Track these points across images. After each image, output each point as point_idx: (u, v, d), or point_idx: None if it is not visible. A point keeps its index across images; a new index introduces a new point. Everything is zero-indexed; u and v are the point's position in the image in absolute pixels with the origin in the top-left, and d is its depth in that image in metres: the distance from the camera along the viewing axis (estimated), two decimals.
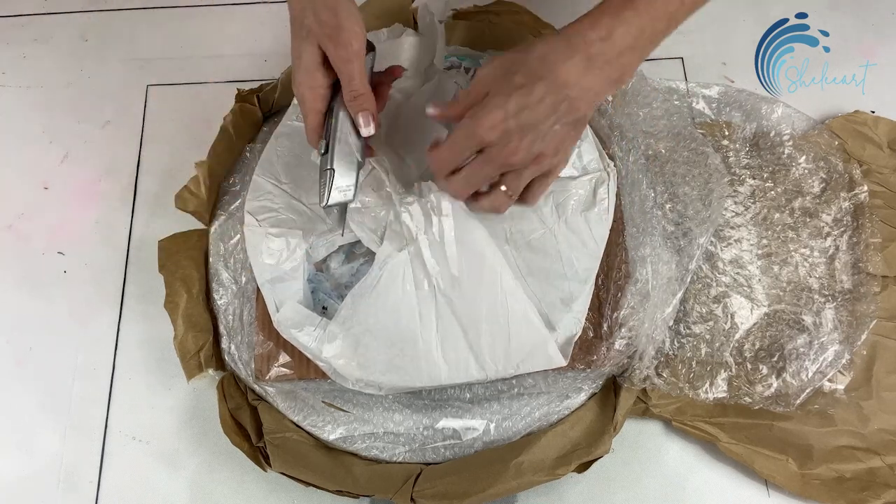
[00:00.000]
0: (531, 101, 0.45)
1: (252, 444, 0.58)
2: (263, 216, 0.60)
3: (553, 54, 0.45)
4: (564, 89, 0.45)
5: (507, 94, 0.45)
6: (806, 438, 0.59)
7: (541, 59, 0.45)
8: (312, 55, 0.49)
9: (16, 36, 0.80)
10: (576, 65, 0.45)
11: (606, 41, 0.45)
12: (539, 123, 0.46)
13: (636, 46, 0.46)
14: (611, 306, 0.60)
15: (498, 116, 0.45)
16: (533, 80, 0.45)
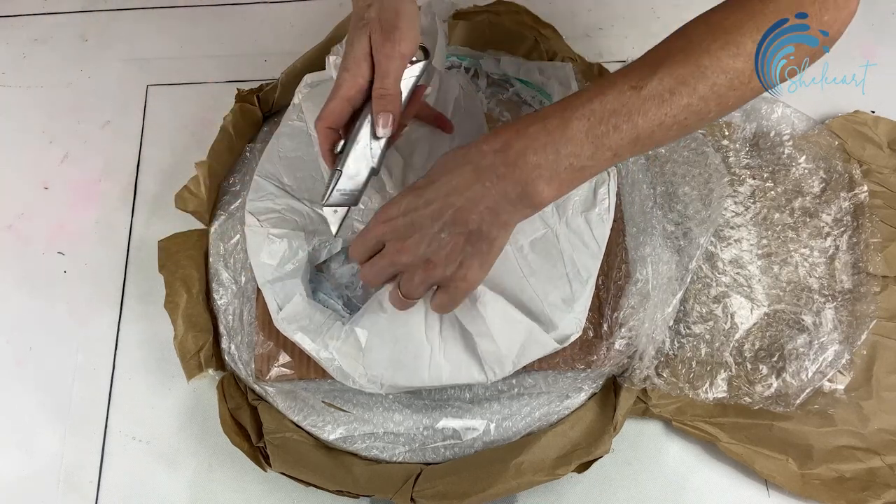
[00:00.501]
0: (419, 203, 0.46)
1: (252, 444, 0.58)
2: (265, 217, 0.60)
3: (451, 162, 0.46)
4: (449, 196, 0.45)
5: (404, 194, 0.47)
6: (806, 438, 0.59)
7: (440, 165, 0.46)
8: (363, 46, 0.49)
9: (16, 36, 0.80)
10: (464, 174, 0.45)
11: (500, 153, 0.44)
12: (423, 226, 0.46)
13: (541, 165, 0.43)
14: (611, 306, 0.60)
15: (392, 212, 0.47)
16: (427, 183, 0.46)
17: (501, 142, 0.44)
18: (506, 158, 0.43)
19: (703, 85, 0.44)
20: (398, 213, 0.47)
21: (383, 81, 0.49)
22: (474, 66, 0.70)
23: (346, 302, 0.62)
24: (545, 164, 0.43)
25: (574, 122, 0.43)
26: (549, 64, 0.69)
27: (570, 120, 0.43)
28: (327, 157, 0.52)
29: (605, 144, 0.43)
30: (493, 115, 0.69)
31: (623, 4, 0.80)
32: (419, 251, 0.46)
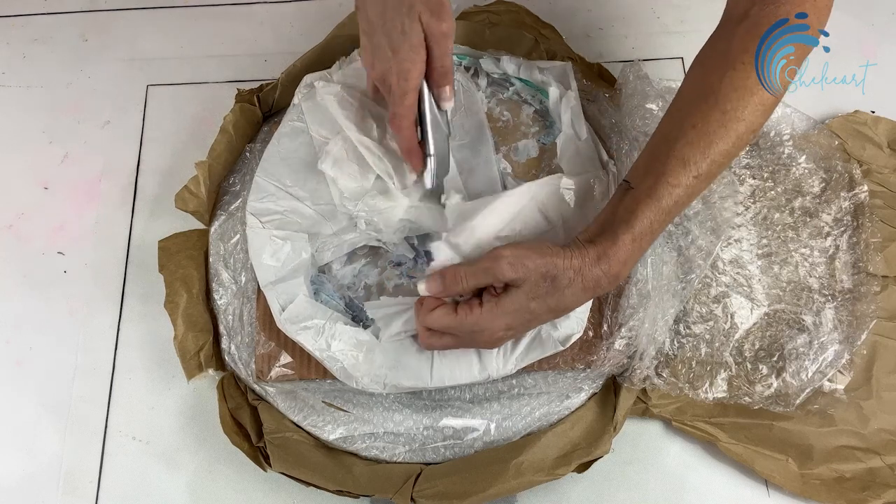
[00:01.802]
0: (527, 316, 0.50)
1: (252, 444, 0.58)
2: (267, 218, 0.60)
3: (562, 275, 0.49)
4: (556, 306, 0.50)
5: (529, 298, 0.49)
6: (806, 438, 0.59)
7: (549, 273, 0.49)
8: (419, 31, 0.50)
9: (16, 36, 0.80)
10: (575, 291, 0.50)
11: (612, 282, 0.50)
12: (529, 327, 0.53)
13: (629, 263, 0.50)
14: (611, 306, 0.60)
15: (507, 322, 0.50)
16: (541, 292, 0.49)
17: (614, 275, 0.49)
18: (608, 271, 0.49)
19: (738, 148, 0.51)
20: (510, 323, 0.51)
21: (444, 59, 0.52)
22: (474, 66, 0.70)
23: (348, 303, 0.62)
24: (632, 261, 0.50)
25: (654, 226, 0.50)
26: (549, 63, 0.69)
27: (653, 223, 0.50)
28: (415, 151, 0.56)
29: (662, 231, 0.51)
30: (493, 115, 0.69)
31: (623, 4, 0.80)
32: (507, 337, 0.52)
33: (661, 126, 0.53)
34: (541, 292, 0.49)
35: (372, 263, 0.63)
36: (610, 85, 0.71)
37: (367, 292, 0.62)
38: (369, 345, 0.55)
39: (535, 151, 0.67)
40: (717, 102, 0.50)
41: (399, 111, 0.53)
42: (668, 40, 0.76)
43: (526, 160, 0.67)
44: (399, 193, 0.60)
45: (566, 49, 0.73)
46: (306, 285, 0.59)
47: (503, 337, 0.52)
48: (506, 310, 0.49)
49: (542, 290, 0.49)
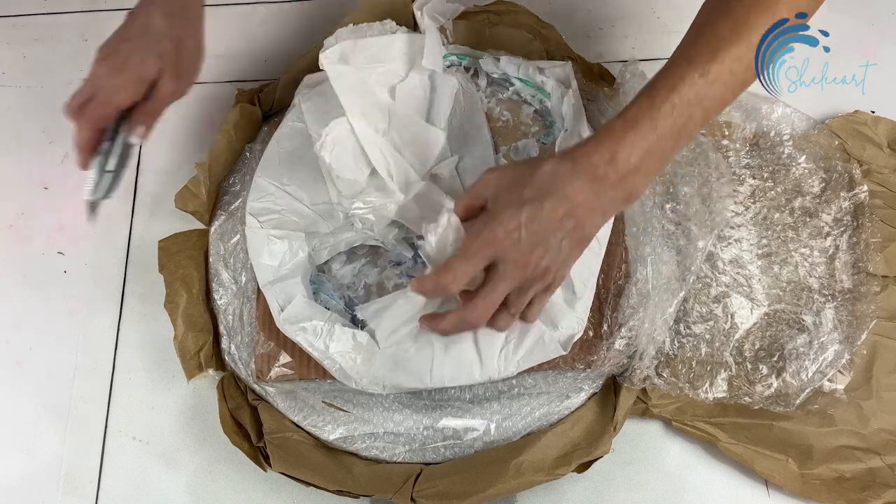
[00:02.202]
0: (541, 215, 0.46)
1: (252, 444, 0.58)
2: (265, 217, 0.60)
3: (560, 174, 0.47)
4: (572, 207, 0.46)
5: (518, 206, 0.46)
6: (806, 438, 0.59)
7: (550, 177, 0.47)
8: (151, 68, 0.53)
9: (16, 36, 0.80)
10: (582, 186, 0.46)
11: (610, 164, 0.46)
12: (548, 237, 0.47)
13: (640, 168, 0.47)
14: (611, 306, 0.60)
15: (511, 225, 0.46)
16: (542, 195, 0.46)
17: (608, 152, 0.46)
18: (616, 168, 0.46)
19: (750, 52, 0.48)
20: (519, 225, 0.46)
21: (161, 105, 0.55)
22: (474, 66, 0.70)
23: (347, 302, 0.62)
24: (645, 165, 0.47)
25: (661, 122, 0.46)
26: (549, 63, 0.69)
27: (658, 120, 0.46)
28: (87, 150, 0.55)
29: (684, 134, 0.48)
30: (493, 115, 0.69)
31: (623, 4, 0.80)
32: (542, 262, 0.47)
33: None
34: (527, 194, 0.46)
35: (371, 263, 0.63)
36: (610, 85, 0.71)
37: (367, 292, 0.62)
38: (368, 346, 0.55)
39: (536, 151, 0.67)
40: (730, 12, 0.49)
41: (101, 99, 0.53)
42: (668, 40, 0.76)
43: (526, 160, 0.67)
44: (396, 191, 0.60)
45: (566, 49, 0.73)
46: (305, 285, 0.59)
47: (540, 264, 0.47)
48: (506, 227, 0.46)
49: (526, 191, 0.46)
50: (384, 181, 0.60)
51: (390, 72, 0.64)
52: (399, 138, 0.62)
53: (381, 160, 0.59)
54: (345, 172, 0.60)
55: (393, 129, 0.62)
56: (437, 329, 0.50)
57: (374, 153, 0.59)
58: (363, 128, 0.60)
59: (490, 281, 0.47)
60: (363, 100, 0.61)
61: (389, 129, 0.62)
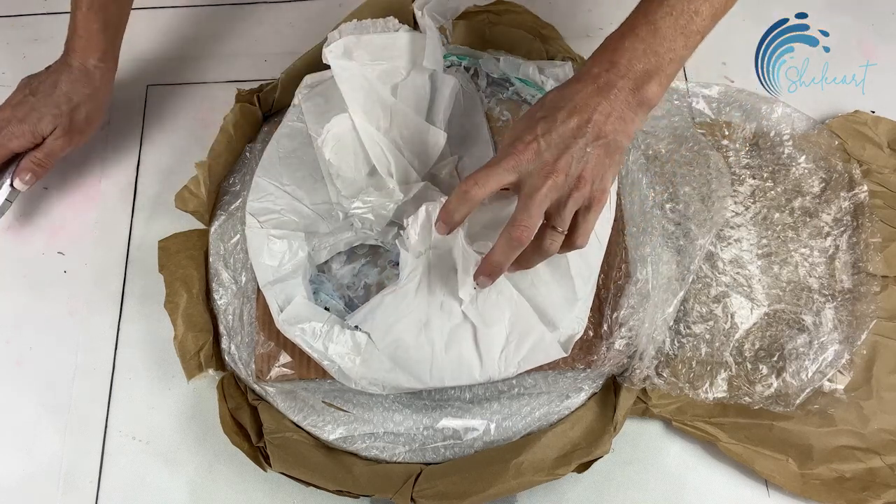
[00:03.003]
0: (556, 124, 0.46)
1: (252, 444, 0.58)
2: (265, 217, 0.60)
3: (566, 89, 0.47)
4: (584, 112, 0.46)
5: (532, 124, 0.46)
6: (806, 438, 0.59)
7: (556, 96, 0.47)
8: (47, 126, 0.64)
9: (16, 36, 0.80)
10: (590, 95, 0.46)
11: (611, 71, 0.46)
12: (569, 144, 0.46)
13: (648, 69, 0.46)
14: (611, 306, 0.60)
15: (529, 137, 0.46)
16: (553, 110, 0.46)
17: (607, 61, 0.47)
18: (618, 72, 0.46)
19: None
20: (536, 137, 0.45)
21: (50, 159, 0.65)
22: (474, 66, 0.70)
23: (347, 302, 0.62)
24: (651, 67, 0.46)
25: (660, 23, 0.46)
26: (549, 63, 0.69)
27: (656, 22, 0.46)
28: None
29: (692, 31, 0.47)
30: (493, 115, 0.69)
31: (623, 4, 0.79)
32: (571, 169, 0.46)
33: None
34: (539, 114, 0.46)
35: (371, 263, 0.63)
36: None
37: (367, 292, 0.62)
38: (367, 347, 0.55)
39: None
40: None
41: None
42: None
43: None
44: (396, 190, 0.60)
45: (566, 49, 0.73)
46: (304, 285, 0.59)
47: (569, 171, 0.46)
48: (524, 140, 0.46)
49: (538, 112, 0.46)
50: (384, 180, 0.60)
51: (392, 70, 0.64)
52: (400, 137, 0.62)
53: (381, 158, 0.59)
54: (345, 171, 0.60)
55: (394, 128, 0.62)
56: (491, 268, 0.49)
57: (374, 151, 0.59)
58: (365, 125, 0.59)
59: (521, 198, 0.46)
60: (365, 97, 0.61)
61: (391, 128, 0.62)
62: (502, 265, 0.49)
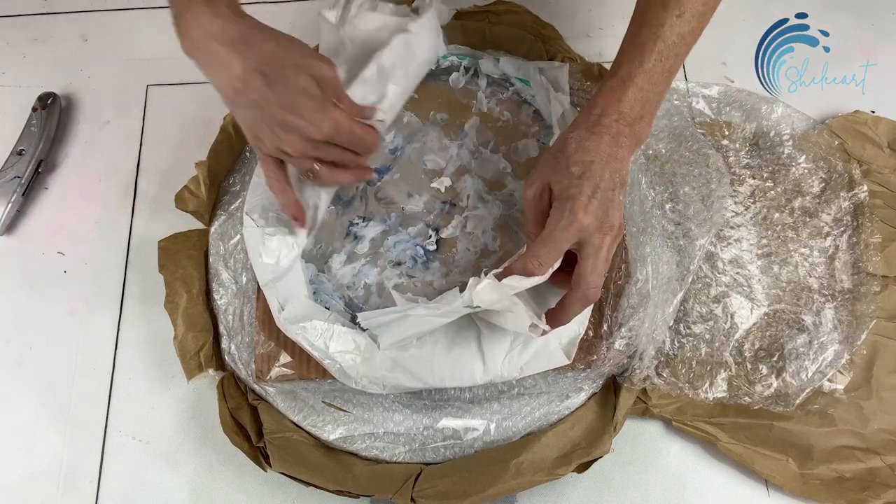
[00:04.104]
0: (597, 180, 0.49)
1: (252, 444, 0.58)
2: (261, 215, 0.60)
3: (588, 142, 0.50)
4: (610, 164, 0.50)
5: (577, 185, 0.49)
6: (806, 438, 0.59)
7: (583, 150, 0.50)
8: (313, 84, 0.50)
9: (16, 36, 0.80)
10: (608, 145, 0.50)
11: (619, 121, 0.51)
12: (610, 197, 0.49)
13: (643, 115, 0.52)
14: (611, 306, 0.60)
15: (584, 201, 0.48)
16: (587, 165, 0.49)
17: (615, 111, 0.51)
18: (625, 121, 0.51)
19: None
20: (589, 198, 0.49)
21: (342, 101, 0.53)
22: (474, 66, 0.70)
23: (347, 302, 0.62)
24: (646, 112, 0.52)
25: (654, 72, 0.51)
26: (548, 63, 0.69)
27: (651, 72, 0.51)
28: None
29: (674, 71, 0.53)
30: (493, 115, 0.69)
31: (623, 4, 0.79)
32: (617, 219, 0.50)
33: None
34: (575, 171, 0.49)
35: (371, 263, 0.63)
36: None
37: (367, 292, 0.62)
38: (368, 347, 0.55)
39: (535, 151, 0.67)
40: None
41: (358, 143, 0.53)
42: None
43: (526, 160, 0.67)
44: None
45: (566, 49, 0.73)
46: (305, 285, 0.59)
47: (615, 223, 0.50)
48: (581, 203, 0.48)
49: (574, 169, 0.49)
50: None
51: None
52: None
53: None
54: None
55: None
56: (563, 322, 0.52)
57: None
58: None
59: (589, 255, 0.49)
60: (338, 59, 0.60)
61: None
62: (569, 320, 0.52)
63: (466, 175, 0.66)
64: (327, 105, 0.50)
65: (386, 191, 0.66)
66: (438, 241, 0.64)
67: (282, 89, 0.49)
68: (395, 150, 0.67)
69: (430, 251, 0.63)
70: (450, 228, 0.64)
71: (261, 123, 0.51)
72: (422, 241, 0.64)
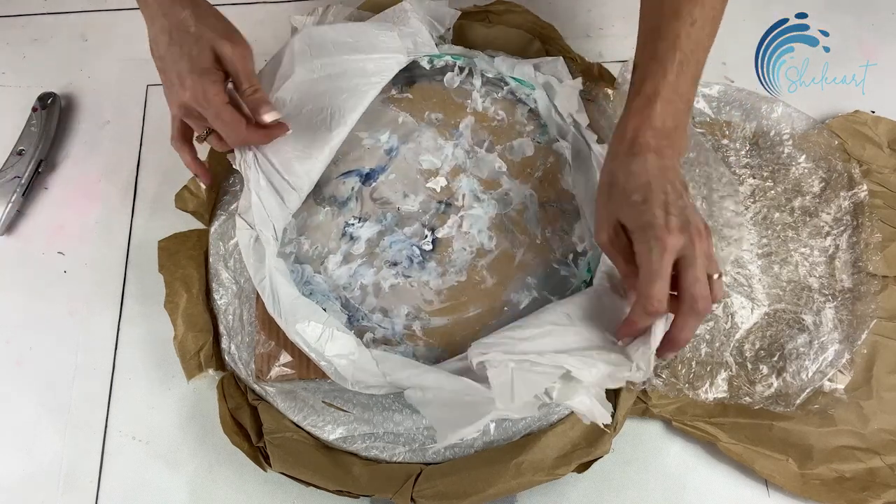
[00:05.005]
0: (663, 196, 0.49)
1: (252, 444, 0.58)
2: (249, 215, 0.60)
3: (634, 166, 0.50)
4: (667, 174, 0.50)
5: (649, 210, 0.48)
6: (806, 438, 0.59)
7: (633, 176, 0.50)
8: (207, 56, 0.54)
9: (16, 36, 0.80)
10: (654, 161, 0.50)
11: (656, 137, 0.51)
12: (681, 203, 0.49)
13: (678, 124, 0.52)
14: None
15: (661, 221, 0.48)
16: (646, 188, 0.49)
17: (649, 128, 0.52)
18: (662, 135, 0.51)
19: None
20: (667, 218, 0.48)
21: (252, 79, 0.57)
22: (469, 66, 0.70)
23: (343, 303, 0.62)
24: (679, 123, 0.53)
25: (678, 83, 0.52)
26: (543, 60, 0.69)
27: (676, 83, 0.52)
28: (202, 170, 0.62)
29: (698, 77, 0.54)
30: (489, 115, 0.69)
31: (623, 5, 0.80)
32: (699, 222, 0.49)
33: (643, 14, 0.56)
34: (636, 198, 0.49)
35: (367, 263, 0.63)
36: (610, 85, 0.71)
37: (363, 292, 0.62)
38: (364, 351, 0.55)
39: (531, 150, 0.67)
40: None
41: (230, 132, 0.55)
42: None
43: (521, 159, 0.67)
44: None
45: (566, 49, 0.73)
46: (290, 284, 0.58)
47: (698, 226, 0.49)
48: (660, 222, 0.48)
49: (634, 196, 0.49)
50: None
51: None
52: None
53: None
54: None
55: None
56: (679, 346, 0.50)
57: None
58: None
59: (686, 272, 0.48)
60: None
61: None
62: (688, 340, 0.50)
63: (462, 175, 0.66)
64: (205, 77, 0.53)
65: (381, 191, 0.66)
66: (434, 241, 0.64)
67: (177, 50, 0.54)
68: (390, 150, 0.67)
69: (426, 251, 0.63)
70: (445, 228, 0.64)
71: (163, 79, 0.56)
72: (418, 242, 0.64)
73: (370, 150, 0.67)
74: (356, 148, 0.67)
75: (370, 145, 0.67)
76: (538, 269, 0.63)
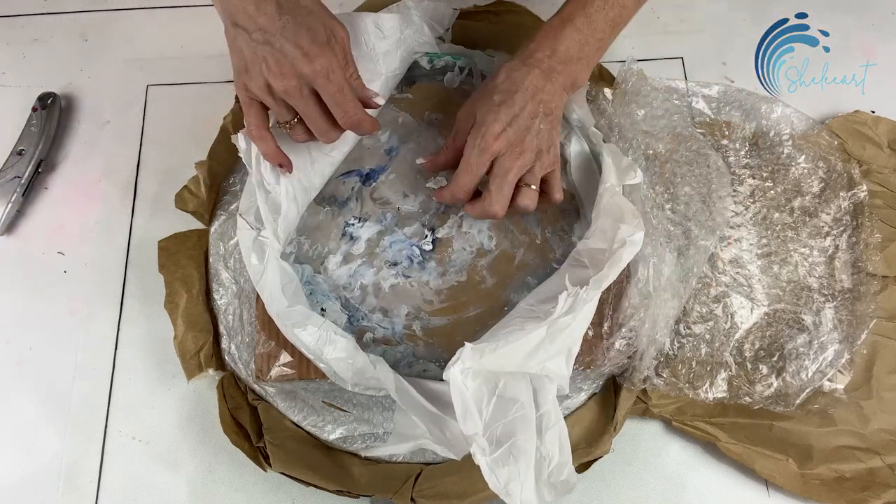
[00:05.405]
0: (516, 109, 0.53)
1: (252, 444, 0.58)
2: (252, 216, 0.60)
3: (516, 73, 0.54)
4: (537, 95, 0.54)
5: (495, 112, 0.53)
6: (806, 438, 0.59)
7: (510, 80, 0.54)
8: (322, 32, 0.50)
9: (16, 36, 0.80)
10: (537, 77, 0.54)
11: (552, 57, 0.54)
12: (529, 125, 0.54)
13: (581, 56, 0.55)
14: (611, 306, 0.60)
15: (498, 128, 0.53)
16: (510, 95, 0.53)
17: (549, 48, 0.55)
18: (558, 58, 0.54)
19: None
20: (504, 126, 0.53)
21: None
22: (469, 66, 0.70)
23: (343, 303, 0.62)
24: (584, 55, 0.55)
25: (595, 16, 0.54)
26: None
27: (592, 15, 0.54)
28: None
29: (619, 22, 0.55)
30: None
31: None
32: (534, 145, 0.54)
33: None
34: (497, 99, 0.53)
35: (367, 263, 0.63)
36: (610, 85, 0.71)
37: (363, 292, 0.62)
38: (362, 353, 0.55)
39: None
40: None
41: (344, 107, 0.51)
42: (668, 40, 0.76)
43: None
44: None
45: None
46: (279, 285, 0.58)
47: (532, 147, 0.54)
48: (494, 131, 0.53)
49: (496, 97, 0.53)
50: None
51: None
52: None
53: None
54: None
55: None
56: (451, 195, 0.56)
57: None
58: None
59: (497, 175, 0.54)
60: None
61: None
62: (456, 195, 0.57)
63: None
64: (326, 48, 0.49)
65: (381, 191, 0.66)
66: (434, 241, 0.64)
67: (290, 19, 0.49)
68: (390, 150, 0.67)
69: (426, 251, 0.63)
70: (445, 228, 0.64)
71: (257, 54, 0.49)
72: (418, 241, 0.64)
73: (370, 150, 0.67)
74: (356, 148, 0.67)
75: (370, 145, 0.67)
76: (538, 269, 0.63)
